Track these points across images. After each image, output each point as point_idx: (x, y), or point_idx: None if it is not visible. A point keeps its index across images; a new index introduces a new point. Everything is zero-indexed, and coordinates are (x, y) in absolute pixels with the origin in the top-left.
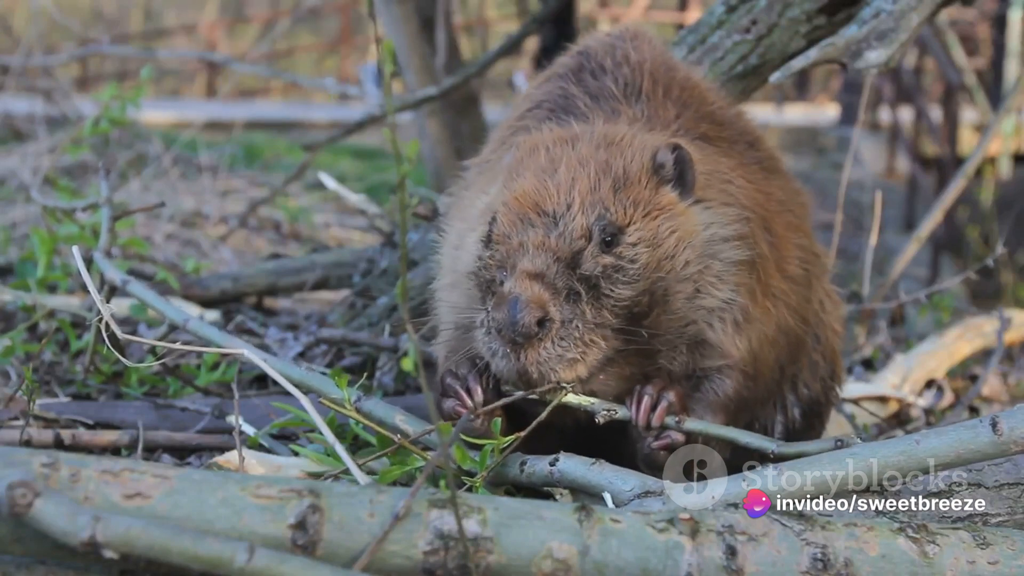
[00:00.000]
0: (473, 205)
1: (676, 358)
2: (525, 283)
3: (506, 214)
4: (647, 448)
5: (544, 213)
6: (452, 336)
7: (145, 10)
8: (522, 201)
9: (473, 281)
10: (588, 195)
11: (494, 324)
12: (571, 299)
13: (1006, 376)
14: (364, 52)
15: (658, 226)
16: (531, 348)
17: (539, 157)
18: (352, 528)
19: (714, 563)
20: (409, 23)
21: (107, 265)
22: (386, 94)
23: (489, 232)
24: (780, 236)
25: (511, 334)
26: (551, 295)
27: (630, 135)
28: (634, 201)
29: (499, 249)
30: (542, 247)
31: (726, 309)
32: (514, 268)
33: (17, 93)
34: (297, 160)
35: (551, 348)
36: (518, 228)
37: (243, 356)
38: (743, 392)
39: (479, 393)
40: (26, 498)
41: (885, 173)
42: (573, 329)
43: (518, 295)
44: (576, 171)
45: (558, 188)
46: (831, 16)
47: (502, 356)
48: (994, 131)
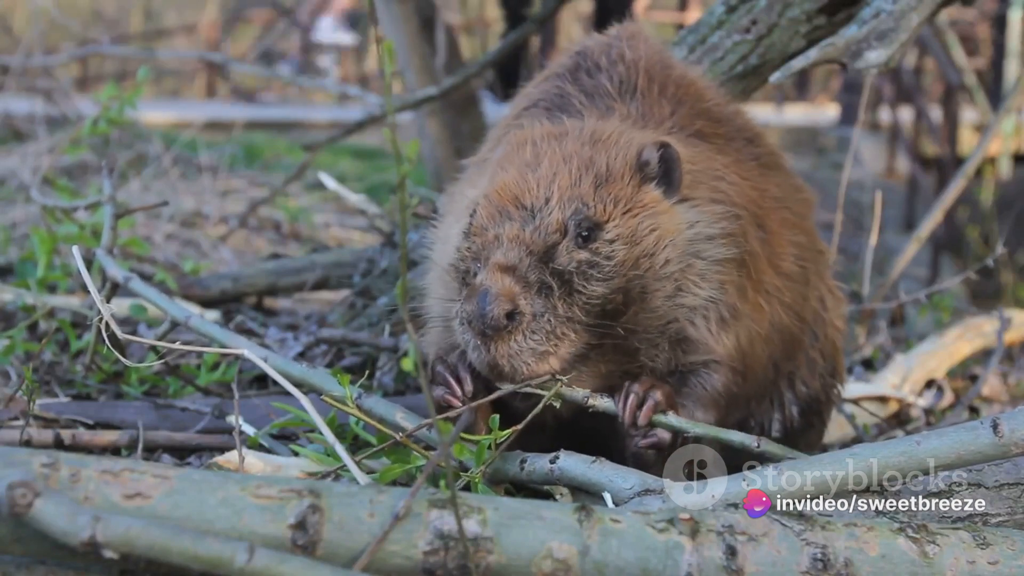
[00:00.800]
0: (462, 199)
1: (658, 355)
2: (496, 276)
3: (485, 207)
4: (634, 447)
5: (522, 207)
6: (439, 329)
7: (145, 10)
8: (502, 194)
9: (452, 273)
10: (568, 190)
11: (465, 316)
12: (543, 293)
13: (1006, 376)
14: (364, 52)
15: (638, 223)
16: (501, 340)
17: (525, 152)
18: (352, 528)
19: (714, 563)
20: (409, 23)
21: (110, 262)
22: (386, 94)
23: (469, 224)
24: (774, 233)
25: (480, 326)
26: (522, 288)
27: (618, 132)
28: (615, 198)
29: (475, 241)
30: (516, 240)
31: (709, 307)
32: (487, 260)
33: (17, 93)
34: (297, 160)
35: (522, 341)
36: (495, 221)
37: (243, 355)
38: (732, 388)
39: (468, 382)
40: (26, 498)
41: (885, 173)
42: (544, 323)
43: (488, 287)
44: (558, 166)
45: (538, 182)
46: (831, 16)
47: (474, 348)
48: (994, 131)
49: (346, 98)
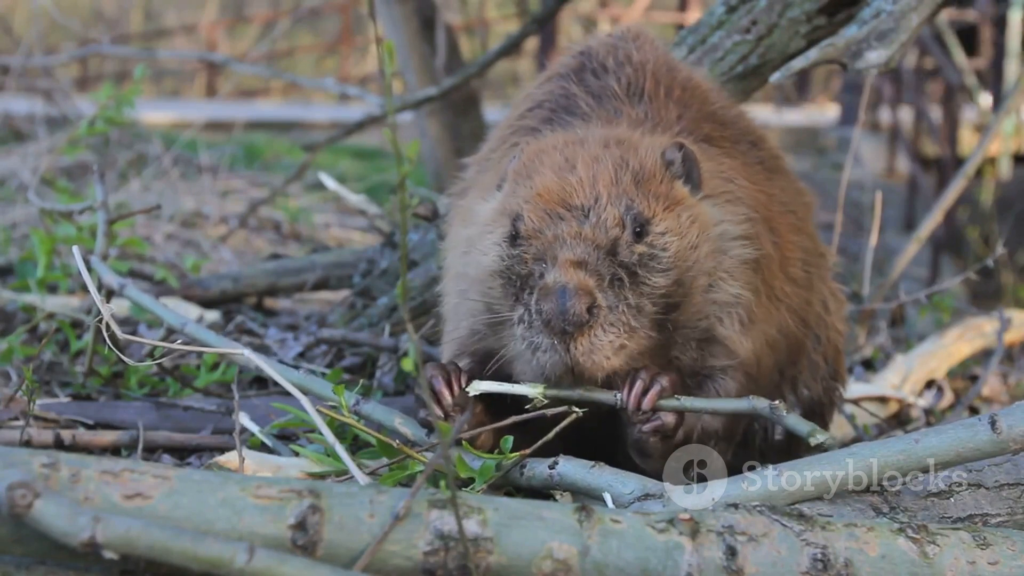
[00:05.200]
0: (475, 209)
1: (687, 352)
2: (570, 272)
3: (532, 211)
4: (636, 433)
5: (572, 207)
6: (470, 340)
7: (145, 10)
8: (546, 197)
9: (501, 279)
10: (612, 188)
11: (541, 316)
12: (614, 286)
13: (1006, 376)
14: (364, 52)
15: (679, 216)
16: (581, 336)
17: (553, 157)
18: (352, 528)
19: (714, 563)
20: (409, 23)
21: (104, 269)
22: (386, 94)
23: (514, 230)
24: (783, 237)
25: (562, 323)
26: (596, 281)
27: (636, 136)
28: (655, 194)
29: (532, 244)
30: (579, 237)
31: (734, 305)
32: (555, 259)
33: (17, 93)
34: (297, 160)
35: (601, 335)
36: (548, 223)
37: (243, 359)
38: (744, 394)
39: (447, 397)
40: (26, 499)
41: (885, 173)
42: (620, 314)
43: (565, 283)
44: (595, 167)
45: (581, 183)
46: (831, 16)
47: (546, 350)
48: (994, 131)
49: (346, 98)
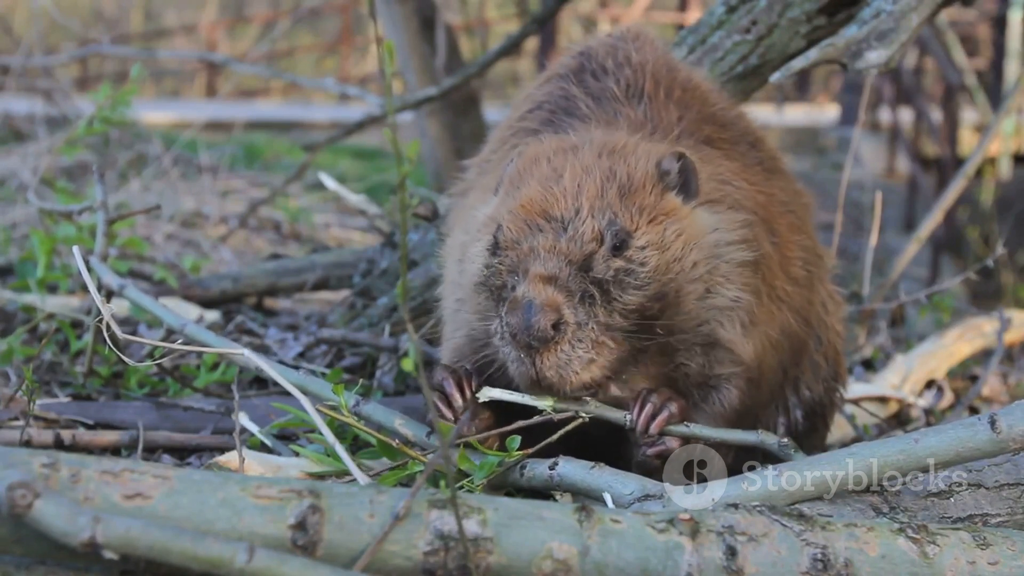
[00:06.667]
0: (472, 215)
1: (693, 359)
2: (538, 286)
3: (512, 221)
4: (642, 455)
5: (552, 219)
6: (468, 346)
7: (145, 10)
8: (528, 208)
9: (482, 291)
10: (596, 200)
11: (508, 329)
12: (585, 302)
13: (1006, 376)
14: (364, 52)
15: (664, 230)
16: (547, 352)
17: (541, 166)
18: (352, 528)
19: (714, 563)
20: (409, 23)
21: (104, 270)
22: (386, 94)
23: (495, 240)
24: (783, 238)
25: (526, 338)
26: (565, 297)
27: (632, 143)
28: (640, 207)
29: (508, 255)
30: (553, 251)
31: (734, 308)
32: (526, 272)
33: (17, 93)
34: (297, 160)
35: (568, 350)
36: (526, 234)
37: (243, 359)
38: (747, 401)
39: (458, 399)
40: (26, 499)
41: (885, 173)
42: (588, 331)
43: (532, 298)
44: (581, 178)
45: (564, 194)
46: (831, 16)
47: (517, 362)
48: (994, 131)
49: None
